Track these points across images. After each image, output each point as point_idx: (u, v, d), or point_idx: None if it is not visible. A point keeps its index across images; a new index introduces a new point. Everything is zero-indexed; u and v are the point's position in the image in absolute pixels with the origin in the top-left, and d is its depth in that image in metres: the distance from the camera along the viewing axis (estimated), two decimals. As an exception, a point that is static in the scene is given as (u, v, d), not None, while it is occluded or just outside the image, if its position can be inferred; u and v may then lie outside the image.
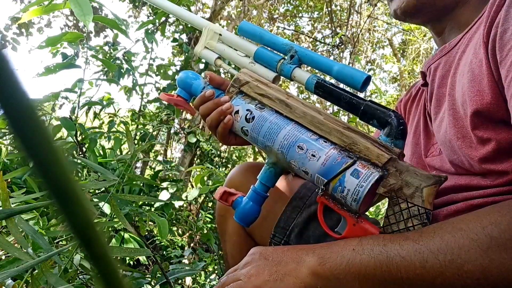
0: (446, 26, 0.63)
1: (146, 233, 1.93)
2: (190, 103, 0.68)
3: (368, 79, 0.52)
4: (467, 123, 0.49)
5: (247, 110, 0.57)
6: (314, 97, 5.07)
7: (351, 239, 0.47)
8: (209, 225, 2.08)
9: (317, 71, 0.58)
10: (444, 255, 0.36)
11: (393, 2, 0.63)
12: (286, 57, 0.58)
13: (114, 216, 1.19)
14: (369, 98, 0.53)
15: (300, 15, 5.52)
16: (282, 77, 0.61)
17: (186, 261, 1.76)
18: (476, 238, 0.35)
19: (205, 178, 1.89)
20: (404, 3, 0.61)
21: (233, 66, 0.68)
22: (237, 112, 0.58)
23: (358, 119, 0.58)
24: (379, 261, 0.41)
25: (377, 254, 0.41)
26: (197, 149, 2.86)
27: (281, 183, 0.74)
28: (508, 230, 0.34)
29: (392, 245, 0.41)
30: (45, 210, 1.10)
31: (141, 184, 1.86)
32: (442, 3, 0.60)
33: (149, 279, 1.23)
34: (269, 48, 0.61)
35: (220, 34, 0.65)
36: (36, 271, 0.70)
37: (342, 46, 3.51)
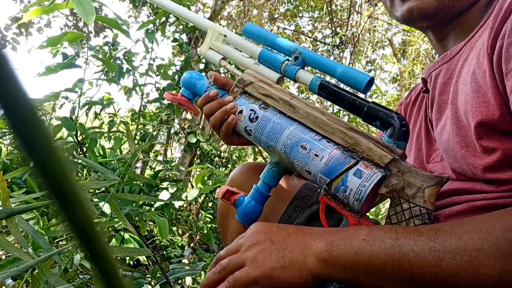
0: (450, 31, 0.62)
1: (146, 233, 1.93)
2: (194, 103, 0.68)
3: (371, 81, 0.52)
4: (470, 132, 0.48)
5: (251, 110, 0.58)
6: (313, 97, 5.07)
7: (361, 227, 0.45)
8: (209, 225, 2.08)
9: (318, 71, 0.58)
10: (461, 256, 0.35)
11: (407, 1, 0.59)
12: (290, 59, 0.58)
13: (114, 216, 1.19)
14: (370, 99, 0.53)
15: (301, 14, 5.53)
16: (285, 78, 0.61)
17: (186, 261, 1.75)
18: (496, 242, 0.35)
19: (205, 178, 1.89)
20: (425, 3, 0.57)
21: (233, 65, 0.68)
22: (240, 112, 0.59)
23: (358, 120, 0.58)
24: (391, 254, 0.39)
25: (389, 247, 0.40)
26: (197, 149, 2.86)
27: (283, 183, 0.74)
28: None
29: (405, 240, 0.40)
30: (45, 210, 1.10)
31: (141, 184, 1.86)
32: (459, 6, 0.58)
33: (149, 279, 1.23)
34: (273, 50, 0.61)
35: (225, 35, 0.65)
36: (36, 271, 0.70)
37: (343, 46, 3.51)
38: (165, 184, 1.91)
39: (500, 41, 0.45)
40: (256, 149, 3.14)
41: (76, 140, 1.34)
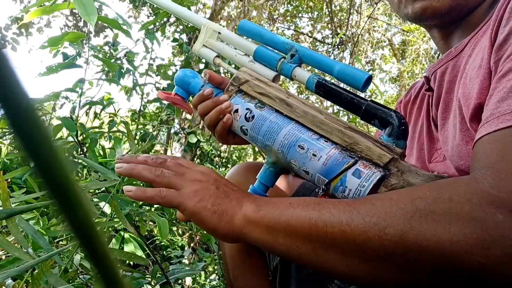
0: (456, 28, 0.62)
1: (146, 233, 1.93)
2: (189, 102, 0.68)
3: (369, 79, 0.52)
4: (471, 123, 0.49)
5: (247, 109, 0.57)
6: (313, 98, 5.07)
7: (291, 197, 0.48)
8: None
9: (317, 70, 0.58)
10: (370, 217, 0.38)
11: (417, 1, 0.59)
12: (286, 56, 0.58)
13: (114, 216, 1.19)
14: (369, 98, 0.53)
15: (300, 15, 5.52)
16: (282, 77, 0.60)
17: (186, 261, 1.75)
18: (403, 207, 0.37)
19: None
20: (439, 2, 0.57)
21: (232, 65, 0.67)
22: (236, 111, 0.58)
23: (358, 119, 0.58)
24: (311, 215, 0.42)
25: (310, 209, 0.42)
26: (197, 149, 2.86)
27: (280, 183, 0.74)
28: (433, 203, 0.36)
29: (325, 204, 0.42)
30: (45, 210, 1.10)
31: (141, 184, 1.86)
32: (471, 3, 0.58)
33: (149, 279, 1.23)
34: (269, 47, 0.60)
35: (219, 33, 0.64)
36: (36, 271, 0.70)
37: (342, 46, 3.51)
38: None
39: (501, 29, 0.46)
40: (256, 149, 3.14)
41: (76, 140, 1.34)
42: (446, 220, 0.34)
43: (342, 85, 0.55)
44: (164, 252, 1.81)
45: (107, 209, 1.20)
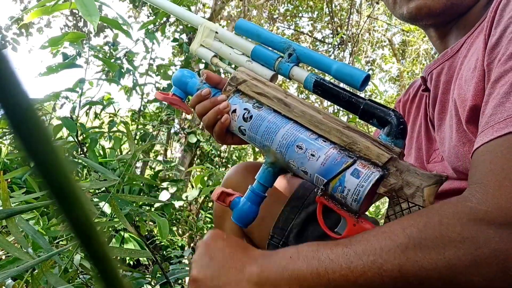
0: (452, 27, 0.62)
1: (146, 233, 1.93)
2: (187, 103, 0.67)
3: (367, 78, 0.51)
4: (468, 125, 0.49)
5: (245, 109, 0.57)
6: (313, 97, 5.07)
7: (291, 247, 0.48)
8: (209, 225, 2.08)
9: (316, 70, 0.57)
10: (367, 256, 0.38)
11: (412, 0, 0.59)
12: (284, 55, 0.57)
13: (114, 216, 1.19)
14: (368, 98, 0.52)
15: (300, 15, 5.52)
16: (281, 77, 0.60)
17: (186, 261, 1.75)
18: (396, 238, 0.38)
19: (205, 178, 1.89)
20: (434, 2, 0.57)
21: (231, 65, 0.67)
22: (234, 111, 0.58)
23: (357, 119, 0.58)
24: (311, 265, 0.42)
25: (310, 259, 0.43)
26: (197, 149, 2.86)
27: (279, 183, 0.74)
28: (424, 229, 0.36)
29: (323, 250, 0.43)
30: (45, 210, 1.10)
31: (142, 184, 1.86)
32: (466, 2, 0.58)
33: (149, 279, 1.23)
34: (266, 46, 0.60)
35: (216, 32, 0.64)
36: (36, 271, 0.70)
37: (343, 46, 3.51)
38: (165, 184, 1.91)
39: (493, 31, 0.46)
40: (256, 149, 3.14)
41: (76, 140, 1.34)
42: (439, 245, 0.35)
43: (341, 84, 0.55)
44: (164, 252, 1.82)
45: (107, 209, 1.20)
